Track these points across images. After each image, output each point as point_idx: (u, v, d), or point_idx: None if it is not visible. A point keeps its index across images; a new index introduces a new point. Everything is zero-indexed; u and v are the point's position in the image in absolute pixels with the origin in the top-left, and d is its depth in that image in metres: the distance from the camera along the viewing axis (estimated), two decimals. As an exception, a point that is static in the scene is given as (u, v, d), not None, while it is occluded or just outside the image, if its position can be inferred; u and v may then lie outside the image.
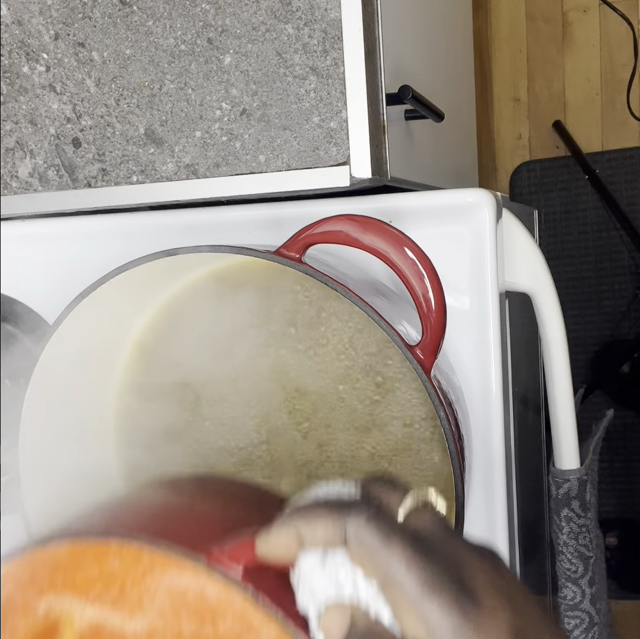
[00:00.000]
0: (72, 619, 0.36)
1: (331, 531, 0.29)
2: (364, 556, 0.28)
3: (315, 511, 0.30)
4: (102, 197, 0.59)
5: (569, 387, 0.63)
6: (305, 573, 0.30)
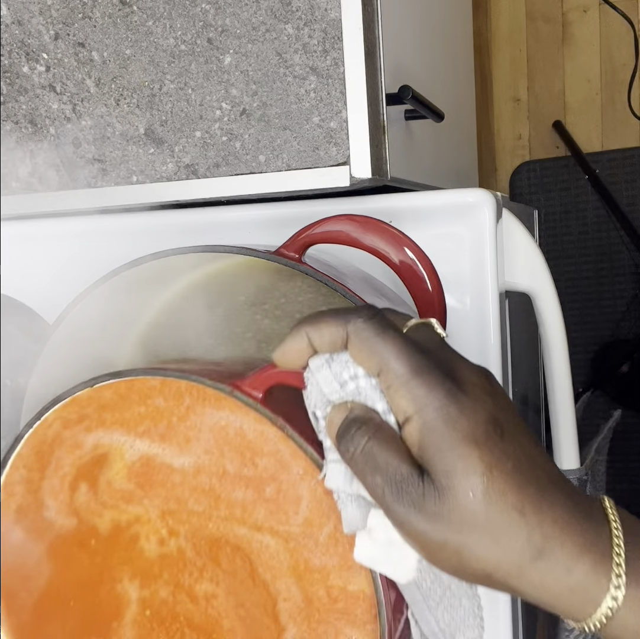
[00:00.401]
0: (122, 452, 0.41)
1: (335, 331, 0.32)
2: (363, 349, 0.32)
3: (322, 316, 0.33)
4: (102, 197, 0.59)
5: (569, 387, 0.63)
6: (314, 374, 0.33)
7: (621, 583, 0.30)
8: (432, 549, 0.31)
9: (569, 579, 0.30)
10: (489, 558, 0.31)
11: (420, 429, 0.31)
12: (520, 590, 0.32)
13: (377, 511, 0.33)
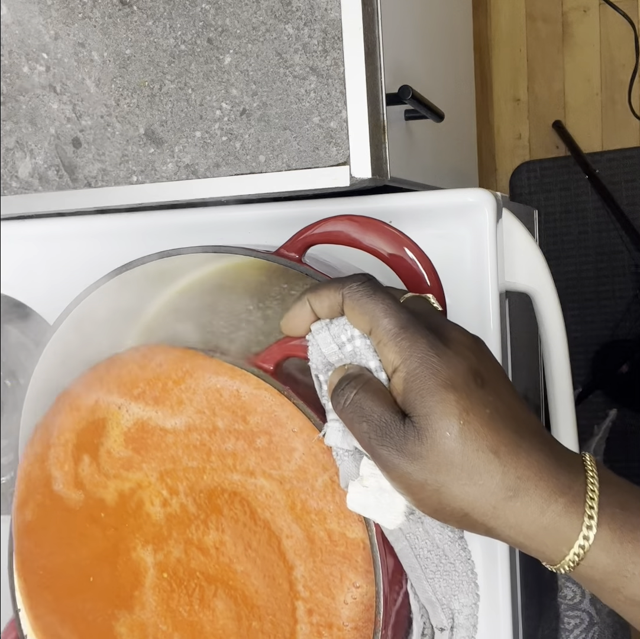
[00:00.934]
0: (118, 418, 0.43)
1: (332, 296, 0.36)
2: (355, 308, 0.35)
3: (322, 284, 0.37)
4: (102, 197, 0.59)
5: (569, 387, 0.63)
6: (315, 337, 0.36)
7: (593, 523, 0.31)
8: (415, 489, 0.33)
9: (542, 519, 0.32)
10: (465, 497, 0.32)
11: (405, 377, 0.33)
12: (497, 531, 0.33)
13: (368, 461, 0.35)
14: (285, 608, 0.40)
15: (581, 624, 0.71)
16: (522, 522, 0.32)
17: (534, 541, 0.33)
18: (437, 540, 0.37)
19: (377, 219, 0.44)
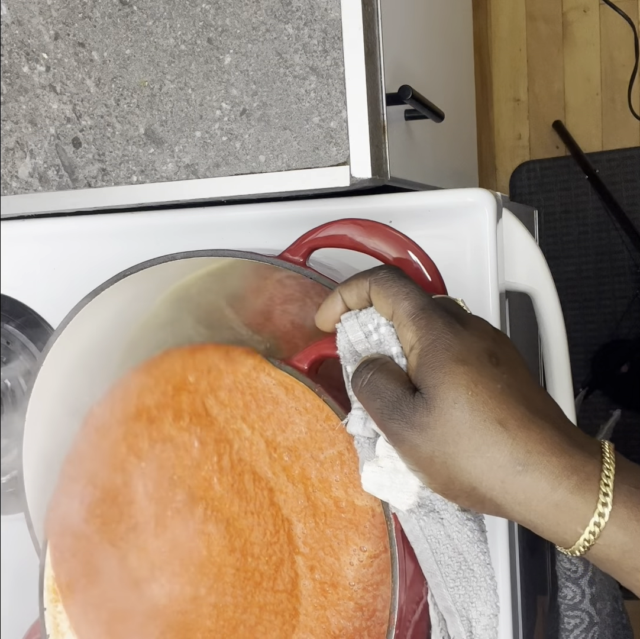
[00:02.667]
0: None
1: (361, 284, 0.37)
2: (380, 292, 0.36)
3: (352, 276, 0.38)
4: (102, 197, 0.59)
5: (569, 387, 0.63)
6: (343, 324, 0.38)
7: (608, 500, 0.31)
8: (424, 463, 0.33)
9: (553, 495, 0.31)
10: (472, 470, 0.32)
11: (419, 353, 0.34)
12: (506, 508, 0.32)
13: (385, 443, 0.36)
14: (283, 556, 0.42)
15: (581, 624, 0.71)
16: (532, 498, 0.32)
17: (546, 520, 0.32)
18: (456, 540, 0.37)
19: (381, 223, 0.45)
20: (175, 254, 0.47)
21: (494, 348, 0.34)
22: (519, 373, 0.34)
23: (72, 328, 0.50)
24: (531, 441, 0.32)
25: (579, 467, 0.31)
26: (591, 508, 0.31)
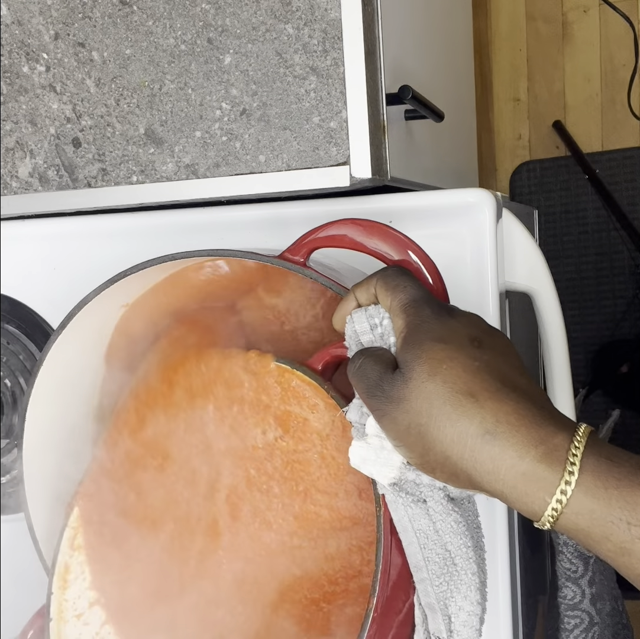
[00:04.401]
0: None
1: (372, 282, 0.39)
2: (382, 285, 0.38)
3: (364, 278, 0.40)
4: (102, 197, 0.59)
5: (569, 387, 0.63)
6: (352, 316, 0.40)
7: (575, 469, 0.31)
8: (402, 435, 0.35)
9: (521, 464, 0.32)
10: (443, 439, 0.33)
11: (404, 337, 0.36)
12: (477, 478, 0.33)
13: (374, 423, 0.38)
14: None
15: (581, 624, 0.71)
16: (500, 467, 0.32)
17: (515, 489, 0.32)
18: (441, 531, 0.38)
19: (381, 223, 0.45)
20: (175, 254, 0.47)
21: (478, 334, 0.35)
22: (503, 357, 0.35)
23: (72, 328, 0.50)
24: (502, 412, 0.33)
25: (548, 439, 0.32)
26: (558, 476, 0.31)
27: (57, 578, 0.50)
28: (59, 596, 0.50)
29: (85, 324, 0.51)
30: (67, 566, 0.51)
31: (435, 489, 0.37)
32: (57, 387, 0.53)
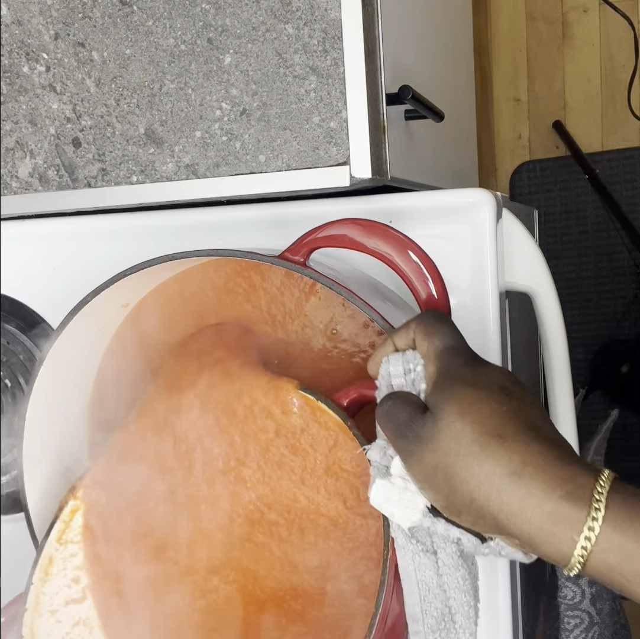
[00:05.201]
0: None
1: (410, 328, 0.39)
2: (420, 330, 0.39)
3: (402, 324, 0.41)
4: (102, 197, 0.59)
5: (569, 387, 0.63)
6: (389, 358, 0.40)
7: (601, 505, 0.31)
8: (429, 476, 0.35)
9: (547, 504, 0.32)
10: (470, 479, 0.33)
11: (435, 381, 0.37)
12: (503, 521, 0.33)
13: (399, 463, 0.38)
14: None
15: (581, 624, 0.71)
16: (526, 508, 0.32)
17: (542, 531, 0.32)
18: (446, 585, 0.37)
19: (381, 223, 0.44)
20: (175, 254, 0.47)
21: (507, 384, 0.36)
22: (529, 406, 0.36)
23: (72, 328, 0.50)
24: (528, 453, 0.33)
25: (573, 479, 0.32)
26: (584, 514, 0.31)
27: (39, 569, 0.50)
28: (38, 588, 0.50)
29: (85, 324, 0.51)
30: (52, 559, 0.50)
31: (448, 541, 0.37)
32: (57, 387, 0.53)
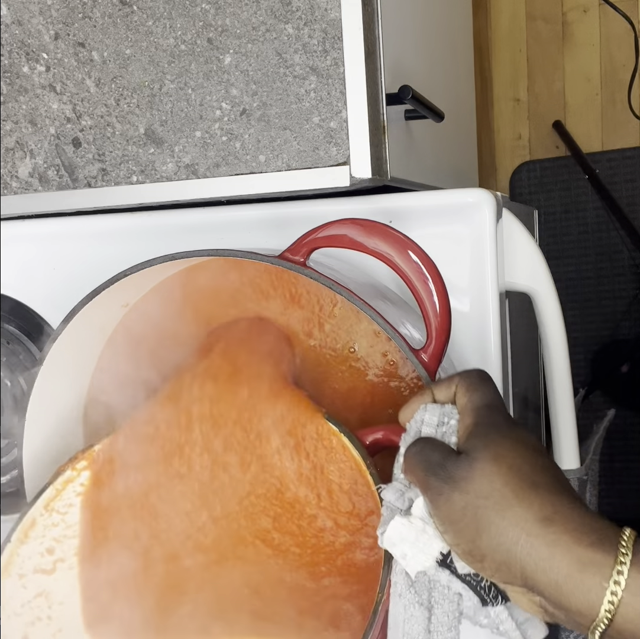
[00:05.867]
0: None
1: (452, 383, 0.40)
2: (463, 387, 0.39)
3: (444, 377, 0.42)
4: (102, 197, 0.59)
5: (569, 387, 0.63)
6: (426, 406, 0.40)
7: (628, 551, 0.31)
8: (455, 517, 0.35)
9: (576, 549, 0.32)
10: (500, 522, 0.33)
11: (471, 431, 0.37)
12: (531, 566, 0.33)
13: (421, 505, 0.38)
14: None
15: None
16: (555, 553, 0.32)
17: (570, 579, 0.32)
18: None
19: (381, 223, 0.44)
20: (175, 254, 0.47)
21: (537, 445, 0.37)
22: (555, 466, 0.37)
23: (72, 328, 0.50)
24: (559, 502, 0.34)
25: (601, 529, 0.33)
26: (612, 558, 0.31)
27: (20, 528, 0.49)
28: (14, 548, 0.49)
29: (86, 324, 0.51)
30: (34, 523, 0.50)
31: (447, 599, 0.37)
32: (57, 387, 0.53)
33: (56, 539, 0.51)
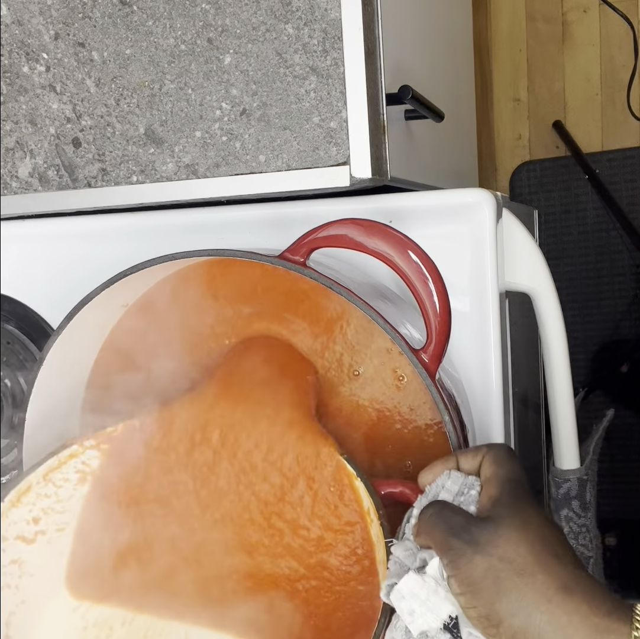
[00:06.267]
0: None
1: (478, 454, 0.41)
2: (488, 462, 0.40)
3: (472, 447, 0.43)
4: (102, 197, 0.59)
5: (569, 387, 0.63)
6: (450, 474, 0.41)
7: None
8: (476, 579, 0.35)
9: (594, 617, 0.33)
10: (523, 587, 0.34)
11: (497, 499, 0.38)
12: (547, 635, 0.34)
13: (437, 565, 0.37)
14: None
15: None
16: (574, 621, 0.33)
17: None
18: None
19: (381, 223, 0.44)
20: (175, 254, 0.47)
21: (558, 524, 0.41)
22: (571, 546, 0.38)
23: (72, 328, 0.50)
24: (579, 575, 0.35)
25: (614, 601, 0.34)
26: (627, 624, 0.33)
27: (15, 491, 0.49)
28: (5, 509, 0.49)
29: (86, 324, 0.51)
30: (29, 489, 0.50)
31: None
32: (57, 387, 0.53)
33: (44, 510, 0.51)
